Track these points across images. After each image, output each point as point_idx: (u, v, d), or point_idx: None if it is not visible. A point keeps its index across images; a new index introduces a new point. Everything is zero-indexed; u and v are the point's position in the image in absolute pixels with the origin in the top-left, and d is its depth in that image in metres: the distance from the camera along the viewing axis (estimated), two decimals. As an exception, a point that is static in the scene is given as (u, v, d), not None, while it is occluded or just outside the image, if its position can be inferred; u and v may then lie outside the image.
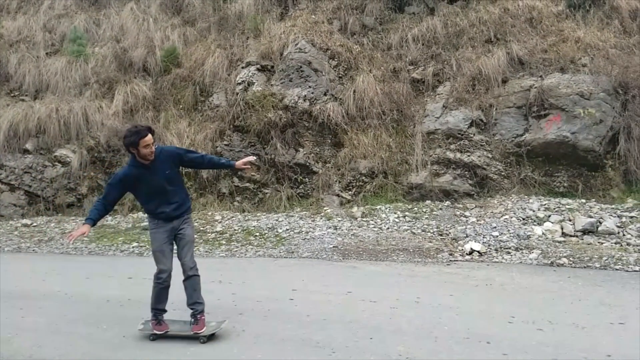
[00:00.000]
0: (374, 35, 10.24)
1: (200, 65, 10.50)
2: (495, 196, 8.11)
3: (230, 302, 5.28)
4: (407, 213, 8.06)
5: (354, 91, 9.24)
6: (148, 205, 4.31)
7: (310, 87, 9.34)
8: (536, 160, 8.14)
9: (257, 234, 8.01)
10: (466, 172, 8.36)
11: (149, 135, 4.08)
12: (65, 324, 4.87)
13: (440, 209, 8.07)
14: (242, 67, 9.97)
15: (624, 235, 6.64)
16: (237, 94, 9.63)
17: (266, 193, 9.14)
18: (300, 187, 9.12)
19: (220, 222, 8.61)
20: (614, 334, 4.06)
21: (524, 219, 7.26)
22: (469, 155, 8.36)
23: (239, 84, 9.71)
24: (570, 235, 6.78)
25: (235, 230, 8.27)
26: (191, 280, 4.34)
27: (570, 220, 7.06)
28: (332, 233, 7.71)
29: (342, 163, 8.97)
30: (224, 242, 7.83)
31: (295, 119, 9.27)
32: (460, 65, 9.13)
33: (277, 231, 7.97)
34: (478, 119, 8.55)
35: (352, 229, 7.78)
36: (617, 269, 5.74)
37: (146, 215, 4.59)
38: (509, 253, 6.49)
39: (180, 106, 10.46)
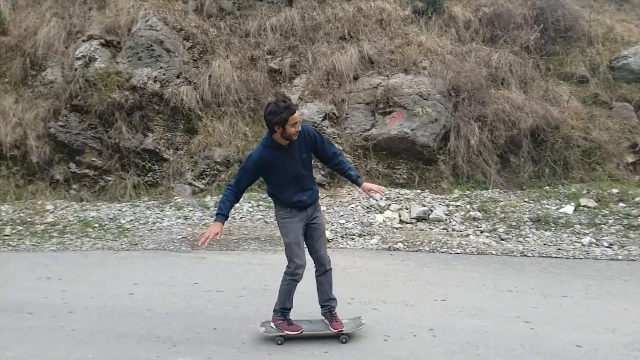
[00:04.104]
0: (231, 20, 10.00)
1: (32, 35, 9.26)
2: (344, 186, 8.52)
3: (59, 300, 4.79)
4: (261, 202, 8.06)
5: (210, 76, 8.94)
6: (283, 193, 3.71)
7: (161, 67, 8.79)
8: (381, 154, 8.74)
9: (96, 225, 7.34)
10: (319, 163, 8.62)
11: (297, 112, 3.47)
12: None
13: (293, 198, 8.22)
14: (83, 41, 8.99)
15: (450, 222, 7.46)
16: (76, 69, 8.67)
17: (109, 181, 8.40)
18: (149, 174, 8.56)
19: (52, 212, 7.70)
20: (436, 310, 4.52)
21: (367, 208, 7.75)
22: (321, 147, 8.63)
23: (79, 58, 8.74)
24: (407, 222, 7.42)
25: (70, 221, 7.47)
26: (327, 274, 4.01)
27: (407, 209, 7.72)
28: (182, 223, 7.39)
29: (196, 150, 8.64)
30: (56, 235, 7.03)
31: (144, 101, 8.65)
32: (316, 59, 9.38)
33: (119, 222, 7.39)
34: (331, 112, 8.88)
35: (203, 219, 7.54)
36: (442, 252, 6.43)
37: (273, 202, 3.88)
38: (353, 239, 6.88)
39: (6, 80, 9.13)
